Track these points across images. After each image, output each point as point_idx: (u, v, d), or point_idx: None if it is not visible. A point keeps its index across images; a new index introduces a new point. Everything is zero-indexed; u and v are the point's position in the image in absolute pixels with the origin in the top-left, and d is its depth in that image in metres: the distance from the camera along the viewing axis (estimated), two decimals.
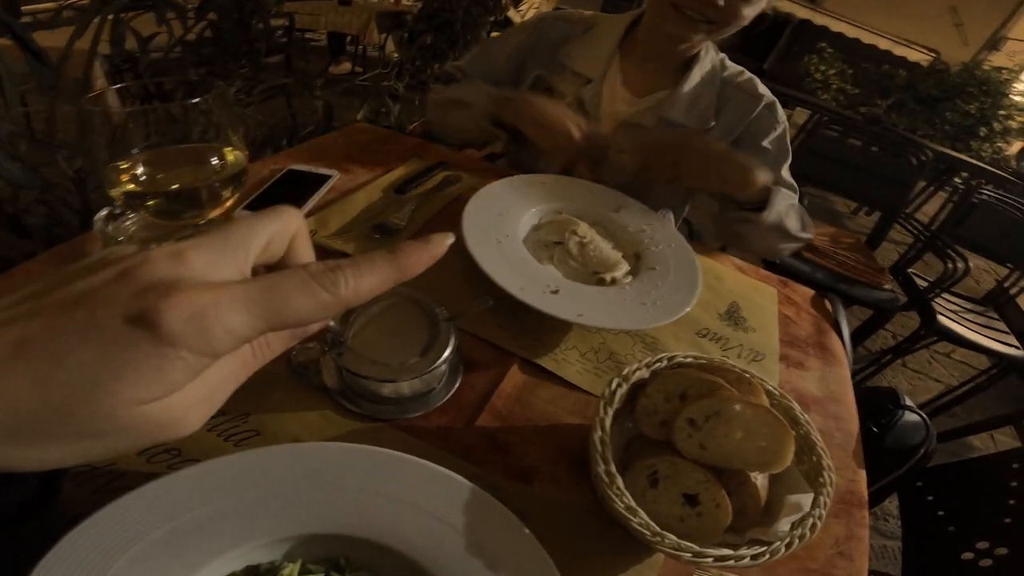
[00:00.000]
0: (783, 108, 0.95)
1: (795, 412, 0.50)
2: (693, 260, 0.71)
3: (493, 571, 0.36)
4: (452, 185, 0.85)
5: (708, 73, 0.92)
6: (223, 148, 0.41)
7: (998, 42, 8.58)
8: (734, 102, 0.93)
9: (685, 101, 0.90)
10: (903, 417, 0.82)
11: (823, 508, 0.43)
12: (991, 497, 0.89)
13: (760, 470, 0.44)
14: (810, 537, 0.41)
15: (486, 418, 0.51)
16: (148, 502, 0.34)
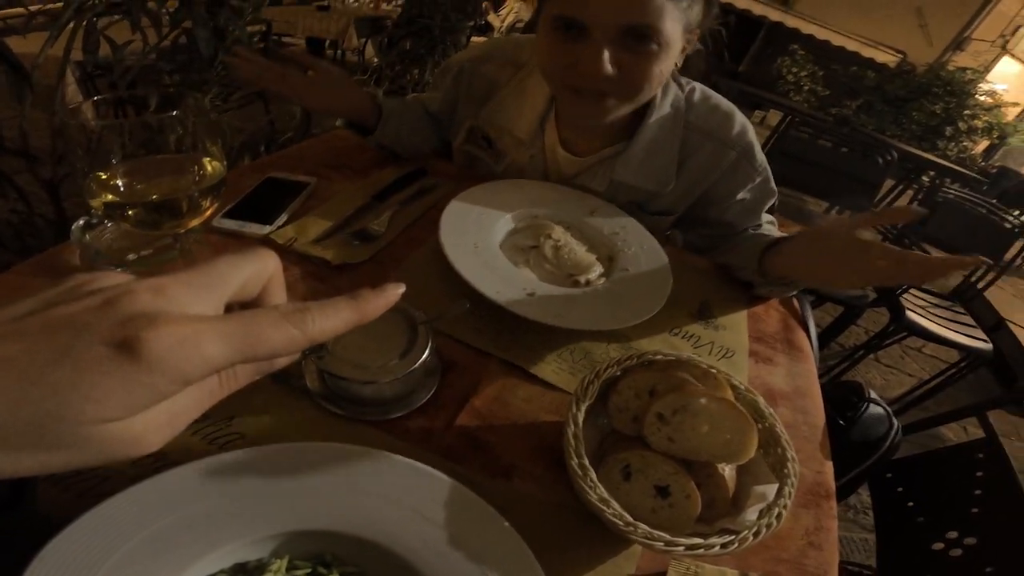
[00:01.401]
0: (757, 109, 0.96)
1: (760, 405, 0.52)
2: (664, 262, 0.73)
3: (474, 563, 0.37)
4: (430, 192, 0.86)
5: (668, 120, 0.81)
6: (202, 158, 0.42)
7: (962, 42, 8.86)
8: (701, 153, 0.83)
9: (638, 161, 0.81)
10: (868, 410, 0.85)
11: (788, 498, 0.45)
12: (958, 487, 0.90)
13: (726, 461, 0.46)
14: (777, 526, 0.42)
15: (466, 418, 0.52)
16: (135, 504, 0.35)
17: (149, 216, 0.41)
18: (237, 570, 0.36)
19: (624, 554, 0.46)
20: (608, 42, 0.63)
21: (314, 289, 0.63)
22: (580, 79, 0.67)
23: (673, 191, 0.85)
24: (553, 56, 0.68)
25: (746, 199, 0.87)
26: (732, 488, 0.47)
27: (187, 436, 0.44)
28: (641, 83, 0.68)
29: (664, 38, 0.64)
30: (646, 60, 0.65)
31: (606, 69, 0.64)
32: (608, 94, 0.69)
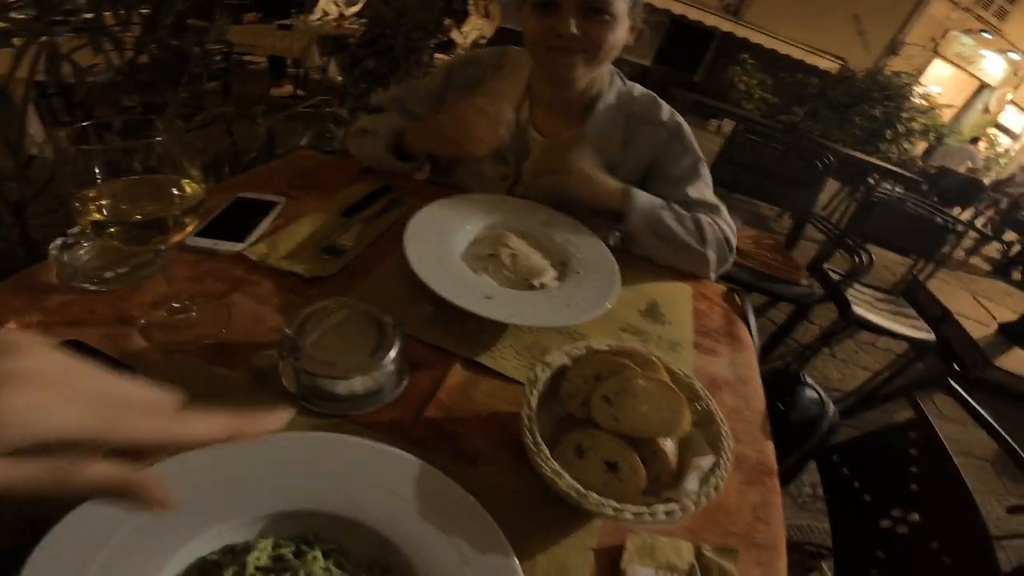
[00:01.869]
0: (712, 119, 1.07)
1: (696, 388, 0.58)
2: (613, 265, 0.80)
3: (444, 534, 0.41)
4: (397, 207, 0.91)
5: (612, 107, 0.98)
6: (181, 180, 0.47)
7: (896, 47, 9.40)
8: (642, 136, 0.99)
9: (592, 138, 0.97)
10: (804, 394, 0.93)
11: (724, 469, 0.50)
12: (897, 466, 0.93)
13: (665, 436, 0.51)
14: (716, 495, 0.47)
15: (433, 411, 0.57)
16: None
17: (137, 233, 0.45)
18: (226, 551, 0.39)
19: (585, 529, 0.50)
20: (573, 12, 0.83)
21: (289, 301, 0.67)
22: (554, 39, 0.85)
23: (620, 171, 0.98)
24: (534, 27, 0.86)
25: (680, 176, 0.99)
26: (675, 462, 0.52)
27: None
28: (599, 43, 0.86)
29: (614, 10, 0.84)
30: (601, 26, 0.85)
31: (572, 29, 0.83)
32: (574, 51, 0.87)
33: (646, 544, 0.50)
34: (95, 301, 0.61)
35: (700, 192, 0.99)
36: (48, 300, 0.60)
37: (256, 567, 0.37)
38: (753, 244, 2.18)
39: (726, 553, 0.51)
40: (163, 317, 0.59)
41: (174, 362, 0.55)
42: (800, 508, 1.90)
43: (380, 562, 0.41)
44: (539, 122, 1.01)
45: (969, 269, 6.37)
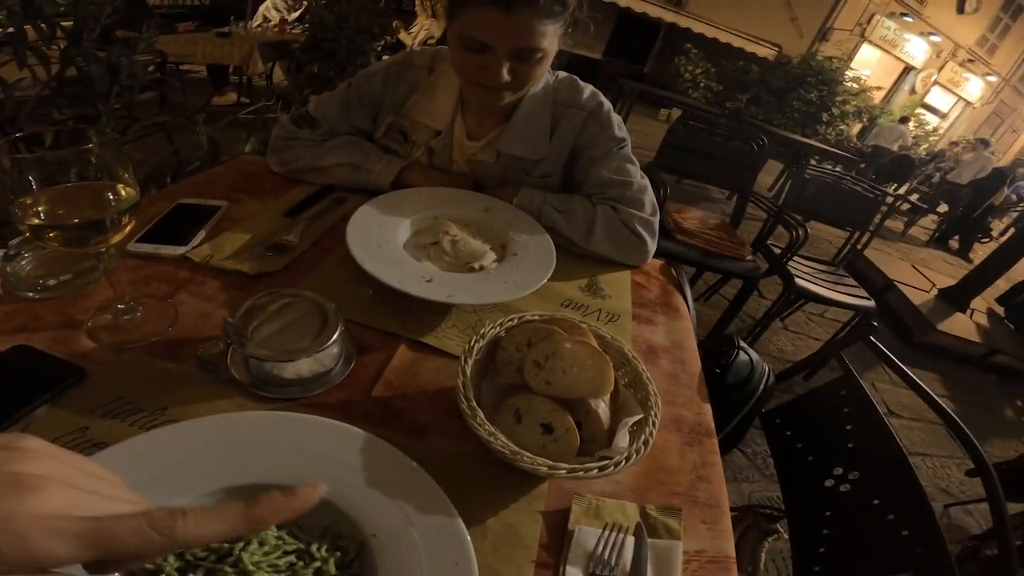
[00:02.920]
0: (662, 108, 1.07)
1: (625, 351, 0.63)
2: (549, 245, 0.85)
3: (390, 498, 0.45)
4: (341, 205, 0.94)
5: (539, 99, 0.99)
6: (116, 184, 0.49)
7: (827, 33, 9.83)
8: (566, 120, 1.01)
9: (517, 134, 0.99)
10: (738, 357, 1.00)
11: (653, 426, 0.53)
12: (833, 425, 0.96)
13: (593, 396, 0.55)
14: (646, 451, 0.51)
15: (380, 389, 0.60)
16: None
17: (76, 235, 0.47)
18: None
19: (532, 493, 0.53)
20: (504, 56, 0.81)
21: (235, 297, 0.69)
22: (485, 79, 0.85)
23: (549, 156, 1.02)
24: (464, 64, 0.85)
25: (597, 156, 1.01)
26: (608, 423, 0.56)
27: (123, 427, 0.50)
28: (528, 81, 0.88)
29: (546, 50, 0.83)
30: (532, 67, 0.85)
31: (504, 78, 0.83)
32: (505, 90, 0.88)
33: (592, 505, 0.54)
34: (40, 308, 0.62)
35: (615, 171, 0.99)
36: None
37: None
38: (699, 224, 2.28)
39: (670, 512, 0.55)
40: (109, 319, 0.61)
41: (123, 360, 0.57)
42: (769, 480, 1.96)
43: (332, 530, 0.43)
44: (468, 123, 1.03)
45: (908, 240, 6.75)
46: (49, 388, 0.51)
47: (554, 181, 1.05)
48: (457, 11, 0.80)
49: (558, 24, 0.81)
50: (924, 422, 2.57)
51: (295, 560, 0.40)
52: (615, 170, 0.99)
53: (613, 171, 0.99)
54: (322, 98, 1.04)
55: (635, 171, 1.00)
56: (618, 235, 0.96)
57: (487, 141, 1.01)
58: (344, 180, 0.99)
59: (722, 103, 8.43)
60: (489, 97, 0.89)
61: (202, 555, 0.39)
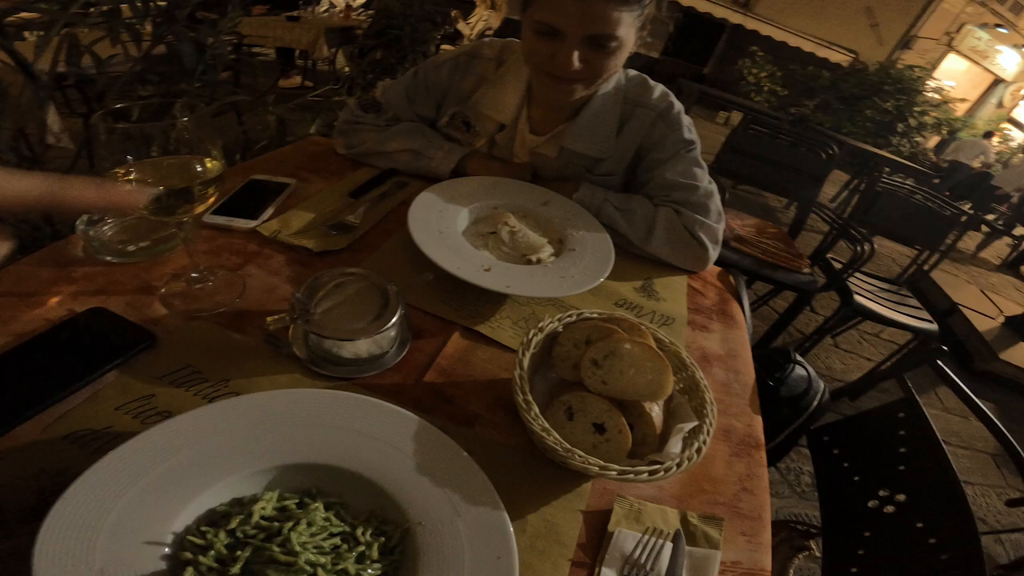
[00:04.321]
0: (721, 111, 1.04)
1: (683, 356, 0.62)
2: (608, 243, 0.83)
3: (439, 487, 0.45)
4: (401, 189, 0.95)
5: (610, 99, 0.97)
6: (204, 158, 0.51)
7: (910, 41, 9.27)
8: (635, 119, 0.99)
9: (584, 131, 0.97)
10: (794, 371, 0.96)
11: (707, 435, 0.53)
12: (885, 447, 0.95)
13: (650, 399, 0.54)
14: (697, 459, 0.50)
15: (433, 375, 0.61)
16: (145, 447, 0.41)
17: (165, 203, 0.49)
18: (234, 503, 0.41)
19: (575, 492, 0.53)
20: (577, 45, 0.80)
21: (299, 273, 0.71)
22: (555, 68, 0.83)
23: (614, 155, 1.00)
24: (535, 51, 0.84)
25: (662, 158, 0.98)
26: (660, 427, 0.55)
27: (187, 395, 0.52)
28: (601, 73, 0.85)
29: (620, 40, 0.81)
30: (606, 56, 0.82)
31: (575, 65, 0.81)
32: (575, 81, 0.86)
33: (633, 508, 0.53)
34: (118, 272, 0.65)
35: (682, 174, 0.96)
36: (74, 271, 0.64)
37: (261, 516, 0.40)
38: (756, 232, 2.19)
39: (712, 521, 0.54)
40: (182, 287, 0.64)
41: (192, 328, 0.59)
42: (800, 497, 1.91)
43: (378, 514, 0.44)
44: (534, 118, 1.02)
45: (979, 263, 6.32)
46: (121, 352, 0.54)
47: (616, 180, 1.03)
48: None
49: (633, 14, 0.79)
50: (971, 450, 2.51)
51: (339, 543, 0.41)
52: (681, 173, 0.96)
53: (679, 174, 0.96)
54: (389, 85, 1.06)
55: (702, 175, 0.97)
56: (679, 239, 0.94)
57: (552, 136, 1.00)
58: (405, 165, 1.00)
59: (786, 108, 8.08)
60: (559, 89, 0.88)
61: (252, 532, 0.39)
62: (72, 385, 0.50)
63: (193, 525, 0.40)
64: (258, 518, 0.40)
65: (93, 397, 0.50)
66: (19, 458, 0.45)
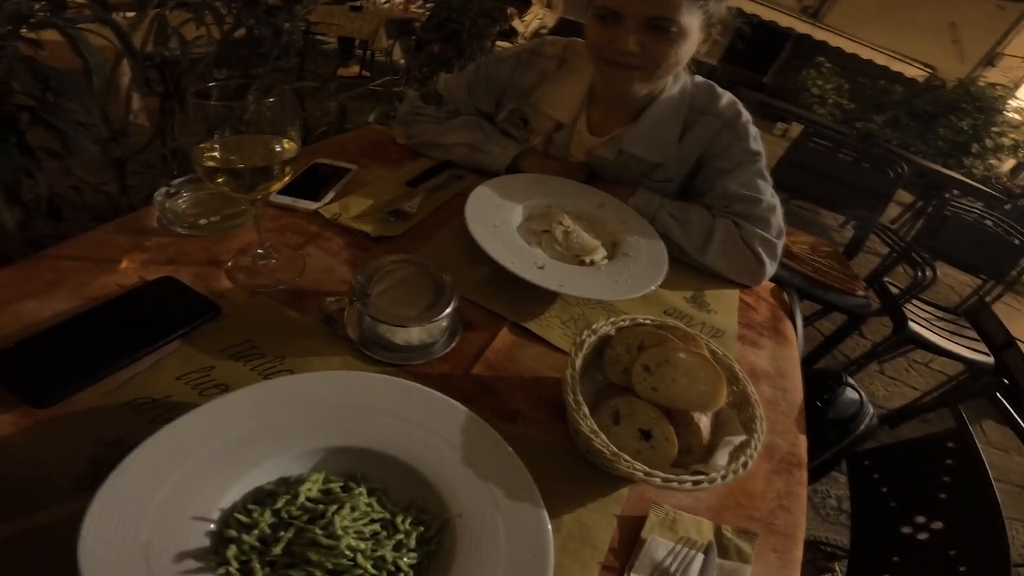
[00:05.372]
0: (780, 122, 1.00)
1: (735, 369, 0.60)
2: (662, 250, 0.82)
3: (482, 480, 0.45)
4: (457, 181, 0.97)
5: (674, 102, 0.95)
6: (282, 138, 0.52)
7: (994, 58, 8.70)
8: (699, 126, 0.96)
9: (644, 135, 0.95)
10: (844, 393, 0.93)
11: (754, 449, 0.52)
12: (928, 474, 0.93)
13: (700, 410, 0.54)
14: (743, 472, 0.49)
15: (480, 368, 0.61)
16: (200, 422, 0.42)
17: (246, 180, 0.51)
18: (281, 482, 0.42)
19: (612, 496, 0.53)
20: (634, 28, 0.80)
21: (357, 257, 0.73)
22: (613, 53, 0.83)
23: (674, 162, 0.98)
24: (595, 36, 0.85)
25: (726, 168, 0.95)
26: (707, 438, 0.54)
27: (245, 370, 0.53)
28: (659, 61, 0.83)
29: (681, 27, 0.79)
30: (664, 43, 0.81)
31: (632, 47, 0.80)
32: (633, 67, 0.84)
33: (668, 517, 0.52)
34: (189, 244, 0.68)
35: (744, 185, 0.93)
36: (148, 240, 0.67)
37: (307, 497, 0.41)
38: (809, 250, 2.11)
39: (746, 535, 0.53)
40: (247, 262, 0.66)
41: (253, 304, 0.61)
42: (823, 520, 1.87)
43: (418, 503, 0.44)
44: (593, 119, 1.00)
45: None
46: (187, 322, 0.56)
47: (672, 187, 1.01)
48: None
49: (695, 5, 0.79)
50: (1008, 484, 2.41)
51: (379, 529, 0.41)
52: (744, 184, 0.93)
53: (742, 185, 0.93)
54: (451, 77, 1.07)
55: (766, 188, 0.94)
56: (736, 252, 0.91)
57: (611, 137, 0.98)
58: (462, 158, 1.01)
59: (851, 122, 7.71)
60: (618, 76, 0.87)
61: (296, 513, 0.40)
62: (139, 352, 0.52)
63: (240, 502, 0.40)
64: (304, 499, 0.40)
65: (156, 365, 0.52)
66: (78, 423, 0.46)
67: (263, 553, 0.37)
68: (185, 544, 0.36)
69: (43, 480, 0.42)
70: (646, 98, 0.95)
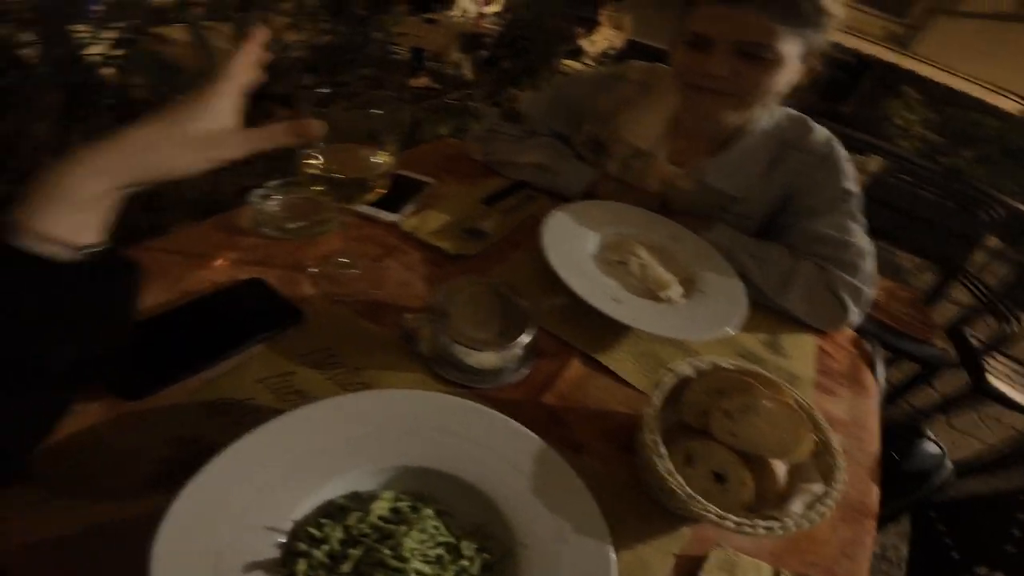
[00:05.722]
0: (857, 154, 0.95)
1: (817, 418, 0.57)
2: (741, 291, 0.79)
3: (550, 512, 0.44)
4: (531, 202, 0.97)
5: (766, 135, 0.92)
6: (380, 151, 0.53)
7: None
8: (789, 161, 0.91)
9: (728, 167, 0.92)
10: (922, 446, 0.89)
11: (832, 499, 0.50)
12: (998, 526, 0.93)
13: (780, 458, 0.52)
14: (818, 521, 0.47)
15: (549, 397, 0.61)
16: (273, 436, 0.43)
17: (344, 189, 0.53)
18: (352, 497, 0.43)
19: (672, 535, 0.52)
20: (725, 52, 0.78)
21: (433, 273, 0.74)
22: (702, 78, 0.81)
23: (757, 197, 0.94)
24: (685, 61, 0.83)
25: (816, 206, 0.90)
26: (782, 485, 0.52)
27: (322, 379, 0.55)
28: (749, 87, 0.80)
29: (776, 54, 0.77)
30: (756, 69, 0.78)
31: (721, 70, 0.78)
32: (722, 92, 0.82)
33: (728, 559, 0.51)
34: (276, 247, 0.72)
35: (835, 228, 0.88)
36: (241, 240, 0.71)
37: (378, 516, 0.41)
38: (885, 295, 2.00)
39: None
40: (330, 270, 0.68)
41: (333, 312, 0.63)
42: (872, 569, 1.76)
43: (483, 529, 0.44)
44: (675, 149, 0.97)
45: None
46: (272, 325, 0.58)
47: (752, 223, 0.97)
48: (686, 10, 0.80)
49: (793, 33, 0.76)
50: None
51: (443, 553, 0.41)
52: (835, 226, 0.88)
53: (832, 227, 0.87)
54: (531, 96, 1.09)
55: (858, 231, 0.88)
56: (819, 298, 0.85)
57: (692, 168, 0.95)
58: (535, 179, 1.02)
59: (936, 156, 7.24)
60: (707, 103, 0.84)
61: (366, 531, 0.40)
62: (226, 351, 0.54)
63: (311, 515, 0.41)
64: (375, 517, 0.41)
65: (239, 367, 0.54)
66: (159, 419, 0.47)
67: (331, 570, 0.38)
68: (256, 555, 0.37)
69: (119, 474, 0.43)
70: (735, 129, 0.92)
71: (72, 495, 0.41)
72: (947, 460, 0.90)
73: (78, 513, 0.40)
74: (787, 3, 0.73)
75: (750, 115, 0.90)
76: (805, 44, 0.78)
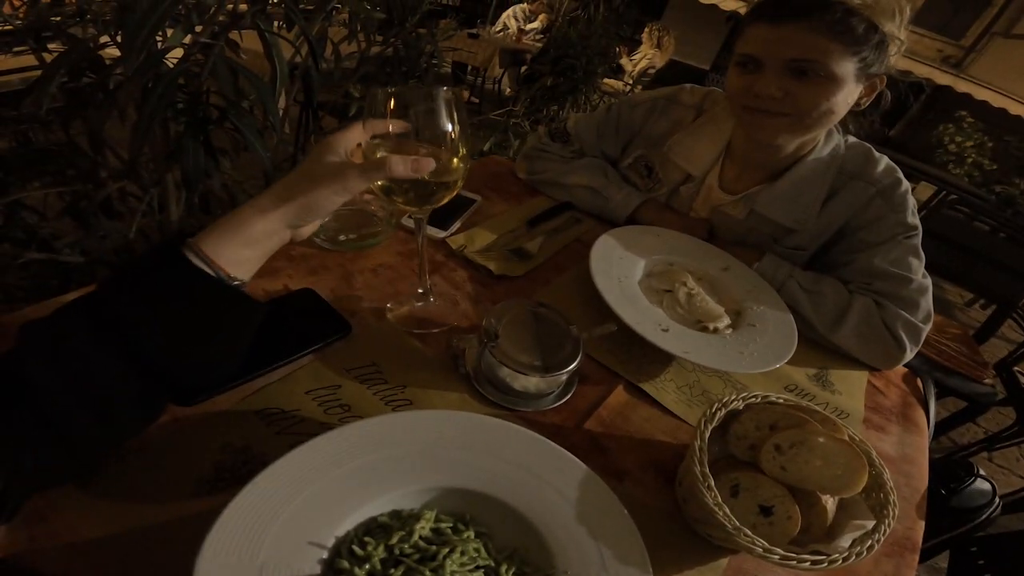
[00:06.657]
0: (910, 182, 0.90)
1: (872, 455, 0.56)
2: (792, 325, 0.77)
3: (592, 539, 0.44)
4: (575, 225, 0.97)
5: (822, 164, 0.89)
6: (455, 156, 0.52)
7: None
8: (847, 192, 0.88)
9: (783, 197, 0.90)
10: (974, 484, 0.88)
11: (883, 534, 0.49)
12: None
13: (832, 494, 0.51)
14: (865, 556, 0.47)
15: (592, 424, 0.61)
16: (321, 451, 0.43)
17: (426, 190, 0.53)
18: (394, 516, 0.43)
19: (710, 565, 0.51)
20: (776, 71, 0.77)
21: (479, 292, 0.75)
22: (755, 99, 0.80)
23: (812, 229, 0.91)
24: (737, 84, 0.82)
25: (872, 241, 0.87)
26: (830, 519, 0.51)
27: (368, 394, 0.56)
28: (807, 107, 0.78)
29: (829, 72, 0.75)
30: (808, 88, 0.77)
31: (772, 91, 0.77)
32: (774, 113, 0.80)
33: None
34: (327, 258, 0.73)
35: (893, 262, 0.84)
36: (294, 250, 0.73)
37: (420, 536, 0.41)
38: (935, 331, 1.92)
39: None
40: (380, 283, 0.69)
41: (380, 327, 0.64)
42: None
43: (521, 553, 0.44)
44: (727, 175, 0.95)
45: None
46: (322, 337, 0.59)
47: (804, 255, 0.94)
48: (738, 33, 0.81)
49: (846, 51, 0.74)
50: None
51: None
52: (893, 261, 0.84)
53: (891, 262, 0.84)
54: (581, 117, 1.08)
55: (918, 267, 0.84)
56: (873, 335, 0.83)
57: (744, 195, 0.93)
58: (581, 201, 1.02)
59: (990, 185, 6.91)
60: (762, 126, 0.82)
61: (408, 551, 0.40)
62: (279, 361, 0.55)
63: (353, 532, 0.41)
64: (417, 537, 0.41)
65: (289, 377, 0.55)
66: (210, 426, 0.48)
67: None
68: (298, 570, 0.37)
69: (168, 478, 0.44)
70: (791, 157, 0.89)
71: (117, 498, 0.42)
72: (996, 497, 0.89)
73: (122, 516, 0.41)
74: (835, 19, 0.72)
75: (807, 140, 0.87)
76: (861, 63, 0.76)
